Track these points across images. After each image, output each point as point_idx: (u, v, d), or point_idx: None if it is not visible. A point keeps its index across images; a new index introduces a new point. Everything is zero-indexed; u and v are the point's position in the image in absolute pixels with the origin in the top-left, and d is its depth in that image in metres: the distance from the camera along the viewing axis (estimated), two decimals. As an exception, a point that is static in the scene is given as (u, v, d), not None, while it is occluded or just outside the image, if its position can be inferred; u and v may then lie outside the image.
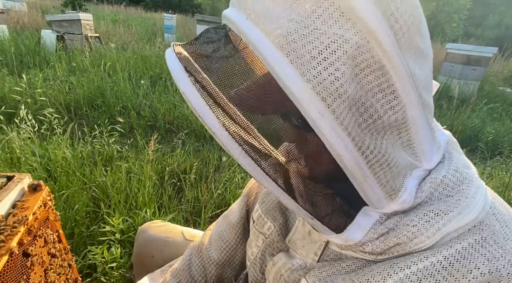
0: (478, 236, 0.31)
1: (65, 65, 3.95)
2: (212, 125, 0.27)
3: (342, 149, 0.27)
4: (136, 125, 2.80)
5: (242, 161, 0.28)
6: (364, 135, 0.28)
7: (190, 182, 1.89)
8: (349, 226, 0.33)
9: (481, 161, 2.69)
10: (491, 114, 4.02)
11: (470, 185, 0.33)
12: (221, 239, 0.62)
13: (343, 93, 0.26)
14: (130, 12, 13.96)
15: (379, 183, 0.30)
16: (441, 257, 0.31)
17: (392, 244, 0.32)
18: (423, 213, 0.32)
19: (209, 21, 4.87)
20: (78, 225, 1.42)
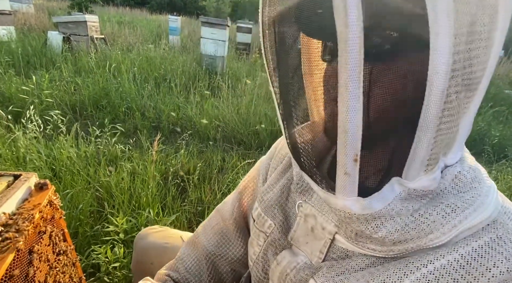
0: (493, 234, 0.31)
1: (71, 66, 4.00)
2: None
3: (443, 64, 0.24)
4: (141, 125, 2.82)
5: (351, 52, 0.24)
6: (458, 74, 0.26)
7: (193, 183, 1.90)
8: (376, 194, 0.31)
9: (486, 165, 2.66)
10: (497, 118, 3.99)
11: (482, 184, 0.33)
12: (215, 231, 0.61)
13: (469, 10, 0.24)
14: (135, 14, 14.09)
15: (434, 139, 0.28)
16: (457, 255, 0.30)
17: (408, 237, 0.31)
18: (440, 208, 0.31)
19: (214, 23, 4.89)
20: (82, 224, 1.43)
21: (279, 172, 0.53)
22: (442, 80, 0.25)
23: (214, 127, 2.91)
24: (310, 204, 0.43)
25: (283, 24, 0.36)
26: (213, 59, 4.85)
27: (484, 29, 0.26)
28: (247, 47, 7.07)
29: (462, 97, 0.28)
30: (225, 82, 3.70)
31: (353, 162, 0.28)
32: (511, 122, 3.89)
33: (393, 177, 0.31)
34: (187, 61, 4.76)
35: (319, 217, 0.41)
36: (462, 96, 0.28)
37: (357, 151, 0.28)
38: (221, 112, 3.11)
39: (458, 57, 0.25)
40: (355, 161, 0.28)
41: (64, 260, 0.72)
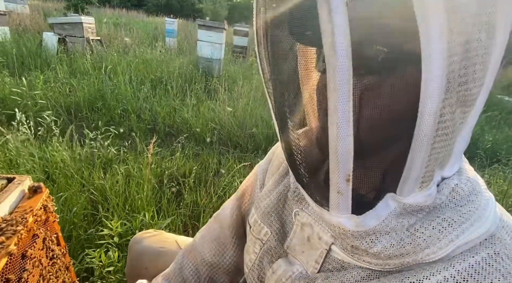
0: (491, 250, 0.30)
1: (66, 67, 3.97)
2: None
3: (436, 88, 0.24)
4: (136, 128, 2.80)
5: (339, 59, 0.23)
6: (452, 92, 0.25)
7: (189, 186, 1.89)
8: (369, 212, 0.31)
9: (479, 169, 2.70)
10: (490, 122, 4.05)
11: (480, 197, 0.33)
12: (214, 240, 0.61)
13: (463, 30, 0.23)
14: (131, 15, 14.06)
15: (428, 157, 0.28)
16: (454, 272, 0.29)
17: (404, 252, 0.31)
18: (437, 222, 0.31)
19: (211, 26, 4.90)
20: (76, 228, 1.42)
21: (276, 179, 0.52)
22: (436, 103, 0.25)
23: (210, 130, 2.91)
24: (307, 213, 0.42)
25: (277, 32, 0.36)
26: (209, 62, 4.85)
27: (481, 45, 0.25)
28: (244, 50, 7.10)
29: (458, 112, 0.28)
30: (222, 85, 3.71)
31: (345, 182, 0.28)
32: (504, 127, 3.95)
33: (388, 193, 0.31)
34: (183, 64, 4.76)
35: (315, 227, 0.40)
36: (458, 112, 0.28)
37: (349, 172, 0.28)
38: (217, 115, 3.11)
39: (452, 77, 0.25)
40: (347, 181, 0.28)
41: (57, 264, 0.72)
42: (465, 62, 0.25)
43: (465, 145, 0.32)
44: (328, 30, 0.23)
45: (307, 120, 0.41)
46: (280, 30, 0.35)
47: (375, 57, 0.29)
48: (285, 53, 0.38)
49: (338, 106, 0.25)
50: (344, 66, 0.24)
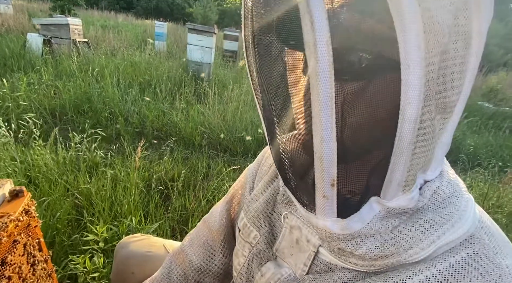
0: (470, 250, 0.31)
1: (52, 69, 3.88)
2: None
3: (415, 96, 0.25)
4: (124, 131, 2.76)
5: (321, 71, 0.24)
6: (431, 100, 0.26)
7: (177, 190, 1.87)
8: (354, 215, 0.32)
9: (462, 172, 2.78)
10: (471, 127, 4.20)
11: (460, 198, 0.34)
12: (202, 244, 0.60)
13: (440, 40, 0.24)
14: (120, 18, 13.91)
15: (410, 163, 0.28)
16: (435, 271, 0.30)
17: (388, 253, 0.32)
18: (419, 223, 0.32)
19: (200, 30, 4.90)
20: (59, 233, 1.37)
21: (265, 182, 0.52)
22: (415, 110, 0.25)
23: (199, 134, 2.90)
24: (296, 216, 0.43)
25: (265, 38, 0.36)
26: (199, 66, 4.84)
27: (458, 55, 0.26)
28: (234, 55, 7.12)
29: (438, 119, 0.29)
30: (212, 89, 3.70)
31: (330, 186, 0.29)
32: (484, 132, 4.10)
33: (372, 196, 0.32)
34: (173, 67, 4.73)
35: (304, 229, 0.41)
36: (438, 119, 0.29)
37: (333, 176, 0.29)
38: (207, 119, 3.10)
39: (431, 84, 0.26)
40: (332, 186, 0.29)
41: (39, 271, 0.69)
42: (443, 71, 0.26)
43: (446, 149, 0.33)
44: (310, 40, 0.24)
45: (296, 124, 0.42)
46: (268, 36, 0.36)
47: (357, 65, 0.29)
48: (274, 59, 0.38)
49: (321, 112, 0.26)
50: (326, 75, 0.25)
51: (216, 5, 19.07)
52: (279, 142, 0.37)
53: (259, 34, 0.36)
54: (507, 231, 1.69)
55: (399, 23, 0.23)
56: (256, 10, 0.35)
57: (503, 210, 1.89)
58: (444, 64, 0.26)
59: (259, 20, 0.35)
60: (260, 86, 0.38)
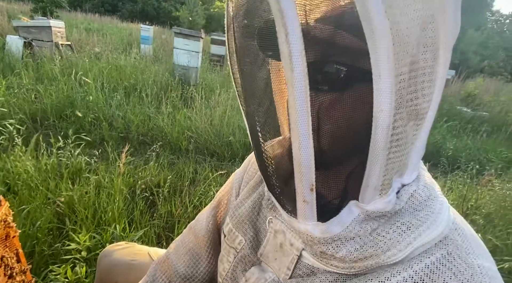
0: (444, 251, 0.32)
1: (32, 73, 3.76)
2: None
3: (387, 103, 0.26)
4: (108, 136, 2.70)
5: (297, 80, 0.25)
6: (402, 107, 0.27)
7: (163, 196, 1.84)
8: (333, 219, 0.33)
9: (442, 175, 2.88)
10: (451, 131, 4.35)
11: (435, 201, 0.35)
12: (188, 251, 0.60)
13: (409, 51, 0.25)
14: (105, 21, 13.67)
15: (385, 167, 0.30)
16: (412, 272, 0.31)
17: (367, 255, 0.33)
18: (397, 226, 0.33)
19: (187, 34, 4.88)
20: (39, 243, 1.33)
21: (251, 187, 0.53)
22: (387, 117, 0.27)
23: (186, 138, 2.87)
24: (280, 220, 0.43)
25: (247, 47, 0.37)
26: (186, 70, 4.82)
27: (427, 65, 0.28)
28: (221, 59, 7.12)
29: (411, 125, 0.31)
30: (199, 93, 3.69)
31: (309, 191, 0.30)
32: (463, 136, 4.26)
33: (351, 200, 0.33)
34: (159, 71, 4.69)
35: (288, 233, 0.42)
36: (410, 125, 0.30)
37: (312, 181, 0.30)
38: (194, 123, 3.08)
39: (402, 93, 0.27)
40: (311, 190, 0.30)
41: (17, 282, 0.67)
42: (414, 80, 0.28)
43: (421, 154, 0.35)
44: (285, 51, 0.26)
45: (281, 131, 0.43)
46: (250, 46, 0.37)
47: (332, 75, 0.31)
48: (257, 67, 0.39)
49: (298, 120, 0.27)
50: (301, 84, 0.26)
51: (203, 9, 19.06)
52: (262, 148, 0.38)
53: (241, 44, 0.37)
54: (484, 232, 1.76)
55: (369, 37, 0.25)
56: (237, 20, 0.36)
57: (481, 211, 1.97)
58: (414, 73, 0.27)
59: (241, 30, 0.36)
60: (244, 93, 0.39)
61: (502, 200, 2.04)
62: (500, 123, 5.20)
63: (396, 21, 0.25)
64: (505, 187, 2.20)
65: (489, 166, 3.10)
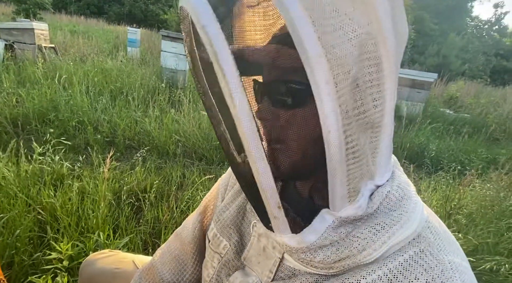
0: (416, 248, 0.33)
1: (14, 76, 3.65)
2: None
3: (333, 125, 0.28)
4: (93, 141, 2.64)
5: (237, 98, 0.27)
6: (351, 122, 0.29)
7: (149, 201, 1.81)
8: (306, 229, 0.34)
9: (426, 176, 2.95)
10: (434, 133, 4.47)
11: (409, 201, 0.36)
12: (173, 258, 0.59)
13: (348, 72, 0.27)
14: (91, 24, 13.44)
15: (347, 178, 0.31)
16: (386, 270, 0.33)
17: (343, 256, 0.33)
18: (371, 226, 0.34)
19: (175, 37, 4.85)
20: (18, 253, 1.28)
21: (236, 191, 0.53)
22: (336, 137, 0.29)
23: (174, 142, 2.84)
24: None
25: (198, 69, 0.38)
26: (174, 73, 4.78)
27: (373, 77, 0.29)
28: (210, 62, 7.08)
29: (369, 134, 0.32)
30: (187, 97, 3.66)
31: (277, 209, 0.32)
32: (446, 137, 4.39)
33: (323, 209, 0.34)
34: (146, 74, 4.63)
35: (270, 237, 0.42)
36: (368, 134, 0.32)
37: (277, 201, 0.32)
38: (182, 127, 3.06)
39: (348, 109, 0.29)
40: (279, 208, 0.32)
41: (-8, 295, 0.64)
42: (360, 94, 0.29)
43: (387, 156, 0.36)
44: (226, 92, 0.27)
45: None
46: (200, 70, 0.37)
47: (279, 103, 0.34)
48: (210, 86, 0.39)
49: (250, 148, 0.29)
50: (246, 116, 0.28)
51: (191, 12, 18.91)
52: (235, 167, 0.39)
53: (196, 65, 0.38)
54: (467, 231, 1.81)
55: (306, 64, 0.26)
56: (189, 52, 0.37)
57: (463, 211, 2.03)
58: (359, 88, 0.29)
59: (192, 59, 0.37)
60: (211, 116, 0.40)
61: (482, 200, 2.11)
62: (480, 125, 5.38)
63: (332, 45, 0.26)
64: (485, 187, 2.28)
65: (470, 167, 3.19)
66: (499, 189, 2.20)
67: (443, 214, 1.95)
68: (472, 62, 20.25)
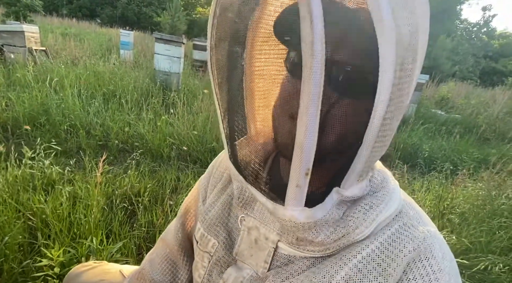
0: (400, 222, 0.38)
1: (3, 79, 3.58)
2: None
3: (386, 99, 0.29)
4: (85, 145, 2.61)
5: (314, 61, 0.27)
6: (392, 104, 0.31)
7: (143, 205, 1.79)
8: (320, 205, 0.34)
9: (420, 176, 2.98)
10: (427, 133, 4.53)
11: (389, 183, 0.41)
12: (164, 260, 0.59)
13: (401, 54, 0.29)
14: (83, 26, 13.31)
15: (370, 156, 0.33)
16: (378, 243, 0.37)
17: (340, 235, 0.36)
18: (361, 206, 0.37)
19: (168, 39, 4.83)
20: (8, 260, 1.25)
21: (219, 189, 0.53)
22: (384, 108, 0.30)
23: (168, 145, 2.82)
24: (252, 217, 0.45)
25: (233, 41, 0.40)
26: (168, 76, 4.76)
27: (409, 67, 0.31)
28: (204, 65, 7.10)
29: (395, 121, 0.34)
30: (181, 99, 3.64)
31: (304, 176, 0.31)
32: (438, 138, 4.45)
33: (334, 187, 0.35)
34: (139, 77, 4.60)
35: (261, 228, 0.43)
36: (397, 119, 0.34)
37: (310, 166, 0.31)
38: (176, 130, 3.04)
39: (394, 90, 0.30)
40: (306, 175, 0.31)
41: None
42: (401, 80, 0.31)
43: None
44: (308, 38, 0.27)
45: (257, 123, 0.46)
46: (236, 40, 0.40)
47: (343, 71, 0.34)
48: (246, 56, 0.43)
49: (310, 105, 0.28)
50: (318, 70, 0.27)
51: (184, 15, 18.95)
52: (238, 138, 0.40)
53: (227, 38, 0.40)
54: (459, 230, 1.83)
55: (380, 33, 0.28)
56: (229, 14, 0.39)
57: (456, 210, 2.05)
58: (402, 73, 0.30)
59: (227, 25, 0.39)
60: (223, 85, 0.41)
61: (474, 199, 2.14)
62: (471, 125, 5.48)
63: (398, 25, 0.28)
64: (477, 187, 2.31)
65: (462, 166, 3.24)
66: (491, 188, 2.23)
67: (436, 214, 1.97)
68: (462, 63, 20.64)
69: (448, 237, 1.74)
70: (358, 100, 0.35)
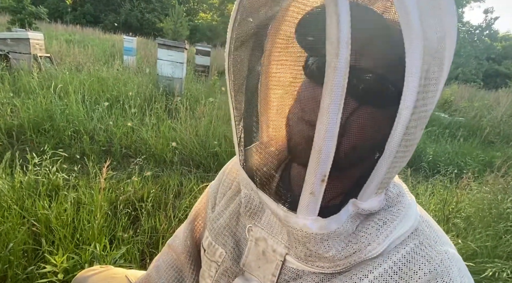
0: (416, 241, 0.36)
1: (8, 86, 3.63)
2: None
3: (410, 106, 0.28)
4: (89, 150, 2.62)
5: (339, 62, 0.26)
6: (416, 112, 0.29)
7: (146, 210, 1.79)
8: (334, 216, 0.33)
9: (424, 180, 2.96)
10: (430, 137, 4.51)
11: (404, 197, 0.38)
12: (170, 268, 0.58)
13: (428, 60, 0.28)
14: (87, 33, 13.48)
15: (391, 167, 0.31)
16: (391, 263, 0.34)
17: (352, 251, 0.34)
18: (374, 221, 0.35)
19: (171, 45, 4.88)
20: (12, 266, 1.25)
21: (228, 198, 0.52)
22: (408, 116, 0.28)
23: (171, 150, 2.83)
24: (260, 227, 0.43)
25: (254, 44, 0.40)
26: (170, 81, 4.79)
27: (435, 76, 0.30)
28: (206, 69, 7.15)
29: (419, 130, 0.32)
30: (183, 104, 3.66)
31: (320, 183, 0.29)
32: (442, 141, 4.42)
33: (351, 199, 0.34)
34: (142, 83, 4.63)
35: (269, 240, 0.42)
36: (420, 128, 0.32)
37: (327, 172, 0.29)
38: (179, 134, 3.05)
39: (419, 97, 0.29)
40: (322, 182, 0.29)
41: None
42: (425, 88, 0.29)
43: None
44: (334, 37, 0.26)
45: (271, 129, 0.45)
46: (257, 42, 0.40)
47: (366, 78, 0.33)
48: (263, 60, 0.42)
49: (331, 107, 0.27)
50: (341, 73, 0.26)
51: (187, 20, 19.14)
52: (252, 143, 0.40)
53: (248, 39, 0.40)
54: (465, 235, 1.81)
55: (407, 37, 0.27)
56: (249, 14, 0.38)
57: (461, 214, 2.03)
58: (427, 82, 0.29)
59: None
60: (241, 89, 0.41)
61: (480, 203, 2.11)
62: (475, 128, 5.44)
63: (425, 30, 0.27)
64: (482, 190, 2.28)
65: (466, 170, 3.21)
66: (496, 192, 2.21)
67: (441, 218, 1.95)
68: (465, 66, 20.56)
69: (454, 241, 1.72)
70: (382, 106, 0.34)
